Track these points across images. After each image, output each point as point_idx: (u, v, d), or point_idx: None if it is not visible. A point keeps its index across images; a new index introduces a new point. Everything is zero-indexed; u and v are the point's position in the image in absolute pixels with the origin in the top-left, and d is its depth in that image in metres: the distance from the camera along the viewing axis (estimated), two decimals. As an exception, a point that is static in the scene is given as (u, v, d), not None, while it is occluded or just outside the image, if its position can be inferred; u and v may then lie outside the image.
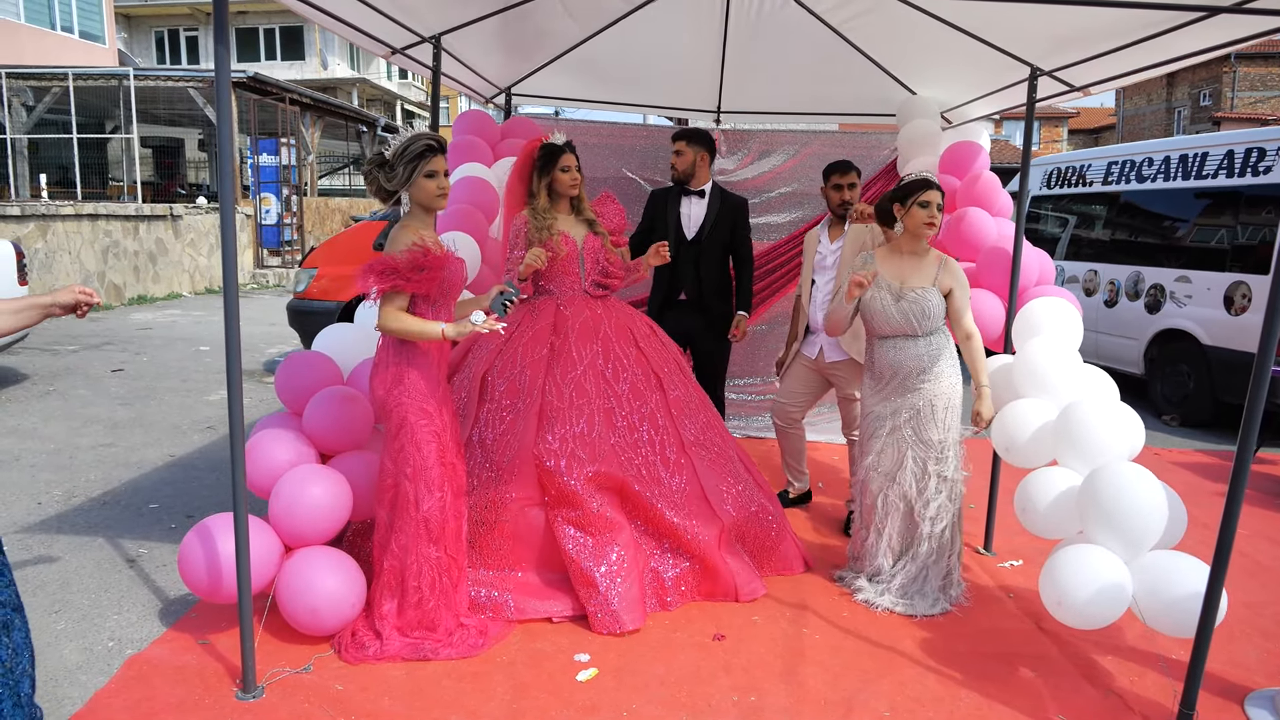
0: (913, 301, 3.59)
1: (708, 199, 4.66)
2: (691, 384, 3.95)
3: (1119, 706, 2.98)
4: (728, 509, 3.69)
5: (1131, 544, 3.00)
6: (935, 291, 3.62)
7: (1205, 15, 2.62)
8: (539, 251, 3.51)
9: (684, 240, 4.61)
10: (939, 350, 3.64)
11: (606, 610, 3.30)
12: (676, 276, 4.61)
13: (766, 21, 4.73)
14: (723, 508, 3.67)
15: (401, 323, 2.95)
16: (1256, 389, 2.44)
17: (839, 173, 4.42)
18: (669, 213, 4.63)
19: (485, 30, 4.36)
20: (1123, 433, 3.35)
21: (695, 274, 4.61)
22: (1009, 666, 3.22)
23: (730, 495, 3.73)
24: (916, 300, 3.59)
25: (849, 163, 4.46)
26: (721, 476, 3.76)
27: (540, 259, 3.50)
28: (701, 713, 2.84)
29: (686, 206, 4.66)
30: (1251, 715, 2.97)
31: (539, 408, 3.51)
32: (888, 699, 2.97)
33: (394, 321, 2.95)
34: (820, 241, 4.54)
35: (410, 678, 2.96)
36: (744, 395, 6.26)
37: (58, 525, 4.32)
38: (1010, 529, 4.31)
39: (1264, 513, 5.20)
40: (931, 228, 3.59)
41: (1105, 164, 8.82)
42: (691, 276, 4.61)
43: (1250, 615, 3.77)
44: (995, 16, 3.70)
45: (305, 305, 7.19)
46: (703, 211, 4.65)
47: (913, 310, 3.59)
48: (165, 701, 2.77)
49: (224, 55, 2.53)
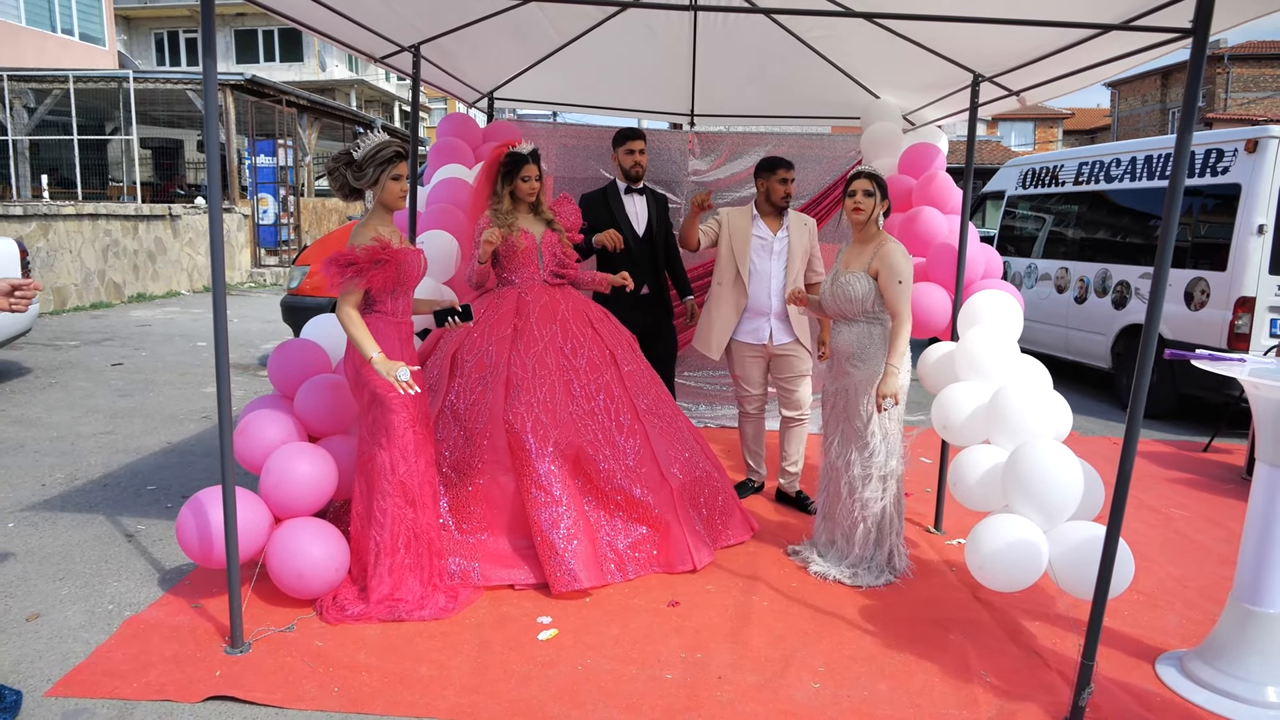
0: (840, 286, 3.84)
1: (645, 196, 4.92)
2: (644, 363, 4.25)
3: (1038, 664, 3.24)
4: (675, 472, 3.98)
5: (1048, 514, 3.26)
6: (863, 277, 3.79)
7: (1101, 32, 2.91)
8: (494, 231, 3.87)
9: (637, 237, 4.83)
10: (869, 336, 3.83)
11: (564, 569, 3.57)
12: (639, 273, 4.77)
13: (734, 30, 4.98)
14: (671, 470, 3.96)
15: (350, 322, 3.22)
16: (1140, 375, 2.70)
17: (785, 167, 4.66)
18: (615, 212, 4.82)
19: (465, 38, 4.61)
20: (1050, 416, 3.60)
21: (653, 268, 4.87)
22: (942, 630, 3.48)
23: (679, 460, 4.04)
24: (843, 285, 3.83)
25: (789, 160, 4.71)
26: (671, 443, 4.06)
27: (496, 237, 3.86)
28: (651, 667, 3.10)
29: (631, 205, 4.88)
30: (1160, 673, 3.23)
31: (505, 379, 3.82)
32: (824, 657, 3.23)
33: (345, 318, 3.23)
34: (756, 226, 4.69)
35: (385, 636, 3.23)
36: (715, 386, 6.52)
37: (61, 504, 4.59)
38: (959, 510, 4.56)
39: (1212, 497, 5.46)
40: (858, 213, 3.81)
41: (1076, 164, 9.08)
42: (650, 271, 4.86)
43: (1177, 587, 4.03)
44: (940, 31, 3.96)
45: (298, 301, 7.43)
46: (645, 208, 4.90)
47: (838, 294, 3.84)
48: (160, 655, 3.04)
49: (211, 65, 2.80)
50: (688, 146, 6.23)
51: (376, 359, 3.16)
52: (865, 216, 3.82)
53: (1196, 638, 3.46)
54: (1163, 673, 3.22)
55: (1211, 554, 4.48)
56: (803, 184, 6.04)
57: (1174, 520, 4.98)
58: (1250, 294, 6.70)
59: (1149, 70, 32.41)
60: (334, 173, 3.33)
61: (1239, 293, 6.74)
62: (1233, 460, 6.34)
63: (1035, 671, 3.19)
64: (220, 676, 2.91)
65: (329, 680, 2.92)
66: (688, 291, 5.14)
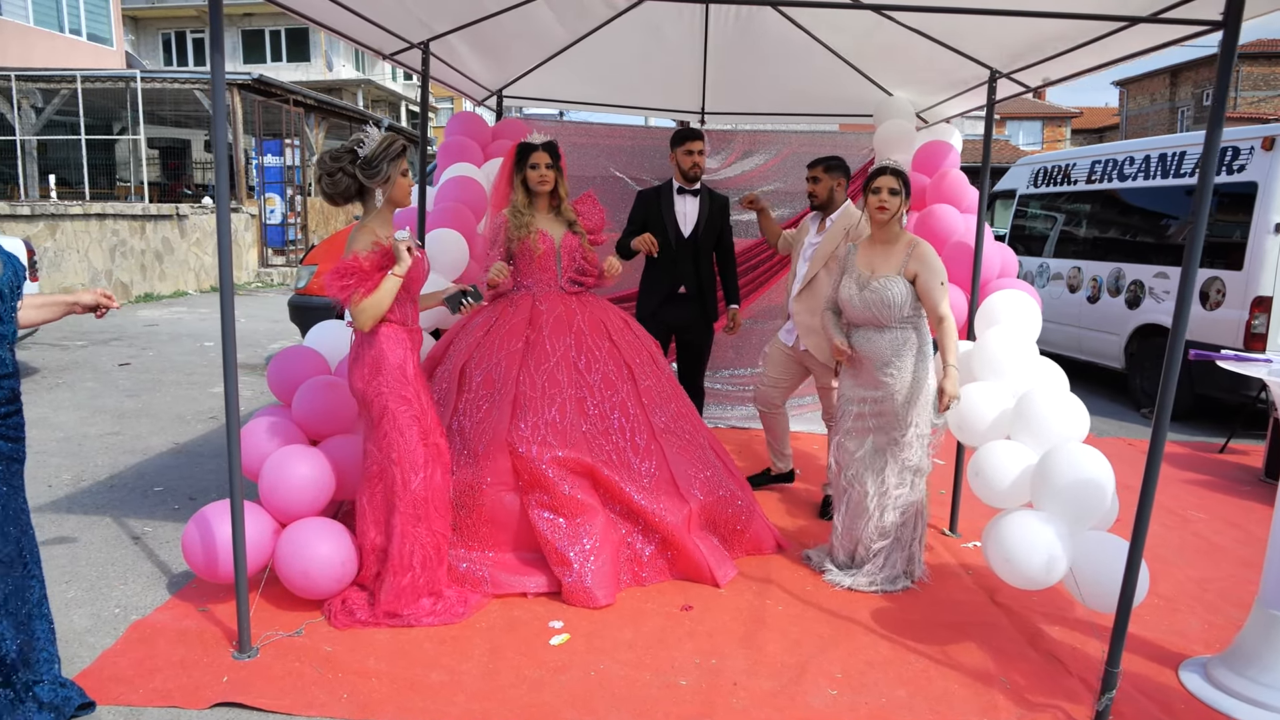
0: (874, 291, 3.67)
1: (700, 197, 4.88)
2: (664, 375, 4.10)
3: (1059, 670, 3.18)
4: (696, 493, 3.83)
5: (1077, 518, 3.19)
6: (899, 280, 3.65)
7: (1127, 25, 2.84)
8: (501, 266, 3.84)
9: (681, 237, 4.84)
10: (904, 343, 3.69)
11: (581, 587, 3.49)
12: (677, 271, 4.82)
13: (745, 26, 4.93)
14: (691, 492, 3.81)
15: (373, 300, 3.07)
16: (1168, 375, 2.63)
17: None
18: (663, 211, 4.83)
19: (474, 35, 4.57)
20: (1075, 419, 3.53)
21: (694, 269, 4.85)
22: (960, 634, 3.42)
23: (699, 480, 3.88)
24: (877, 290, 3.66)
25: (824, 159, 4.64)
26: (691, 462, 3.91)
27: (503, 273, 3.84)
28: (665, 673, 3.05)
29: (681, 205, 4.87)
30: (1184, 680, 3.16)
31: (513, 397, 3.68)
32: (841, 663, 3.17)
33: (369, 306, 3.08)
34: (809, 233, 4.72)
35: (394, 641, 3.18)
36: (729, 386, 6.47)
37: (68, 506, 4.55)
38: (975, 512, 4.50)
39: (1229, 499, 5.39)
40: (883, 212, 3.67)
41: (1089, 163, 9.00)
42: (691, 271, 4.84)
43: (1197, 590, 3.96)
44: (957, 25, 3.90)
45: (305, 301, 7.38)
46: (696, 209, 4.87)
47: (872, 300, 3.67)
48: (167, 659, 3.00)
49: (219, 62, 2.75)
50: (698, 145, 6.17)
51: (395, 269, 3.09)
52: (889, 215, 3.69)
53: (1219, 643, 3.40)
54: (1187, 679, 3.16)
55: (1230, 556, 4.41)
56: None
57: (1191, 522, 4.91)
58: (1267, 294, 6.62)
59: (1158, 69, 32.26)
60: (336, 173, 3.12)
61: (1255, 292, 6.65)
62: (1250, 462, 6.26)
63: (1056, 678, 3.12)
64: (228, 682, 2.87)
65: (338, 686, 2.87)
66: (734, 299, 5.10)
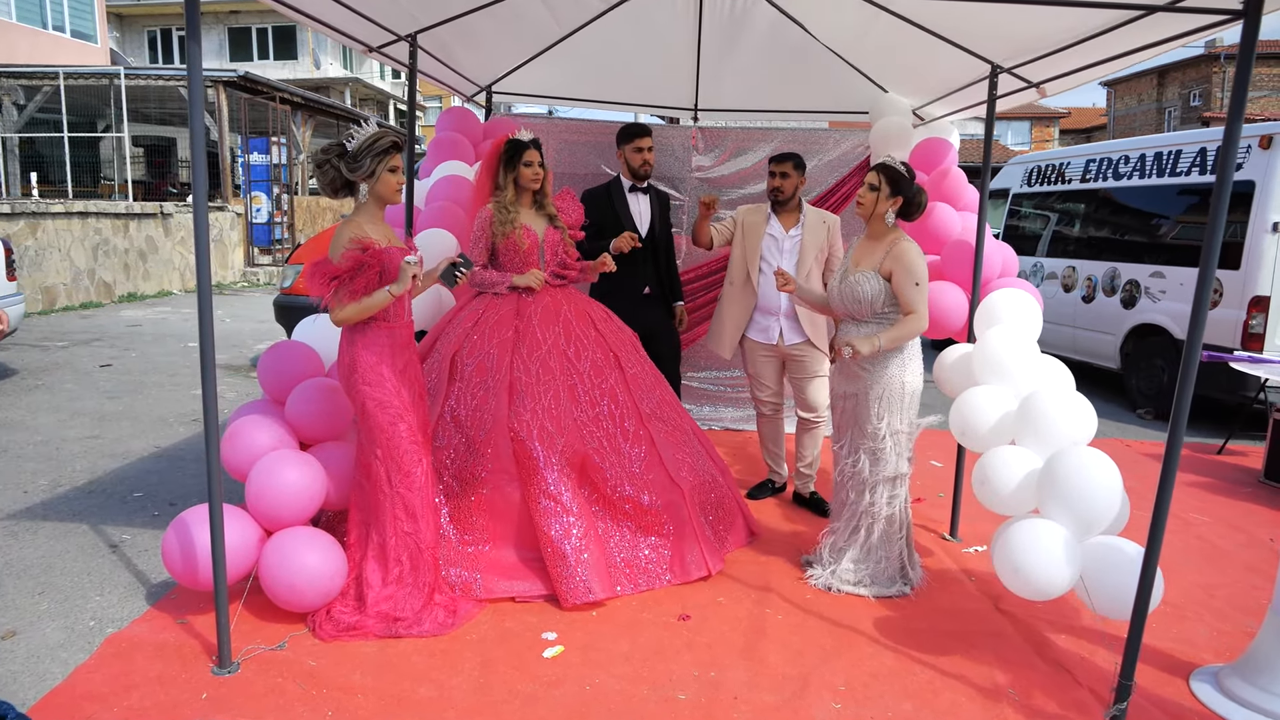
0: (849, 285, 3.64)
1: (649, 195, 4.77)
2: (647, 364, 4.11)
3: (1068, 681, 3.09)
4: (684, 475, 3.85)
5: (1087, 525, 3.10)
6: (874, 277, 3.58)
7: (1143, 14, 2.74)
8: (539, 274, 3.84)
9: (639, 237, 4.65)
10: None
11: (576, 579, 3.42)
12: (640, 273, 4.66)
13: (739, 20, 4.83)
14: (679, 474, 3.83)
15: (357, 309, 3.06)
16: (1185, 379, 2.54)
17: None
18: (619, 212, 4.67)
19: (463, 27, 4.45)
20: (1081, 420, 3.44)
21: (654, 269, 4.74)
22: (965, 644, 3.32)
23: (686, 464, 3.91)
24: (851, 285, 3.63)
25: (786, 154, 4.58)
26: (678, 447, 3.94)
27: (539, 280, 3.83)
28: (663, 687, 2.94)
29: (635, 204, 4.73)
30: (1195, 690, 3.08)
31: (509, 383, 3.67)
32: (844, 674, 3.07)
33: (352, 314, 3.07)
34: (770, 224, 4.57)
35: (381, 654, 3.06)
36: (717, 386, 6.37)
37: (43, 512, 4.41)
38: (975, 516, 4.42)
39: (1230, 501, 5.32)
40: (860, 207, 3.66)
41: (1083, 162, 8.94)
42: (652, 272, 4.73)
43: (1204, 597, 3.88)
44: (957, 17, 3.80)
45: (291, 300, 7.25)
46: (649, 207, 4.76)
47: (846, 294, 3.65)
48: (144, 675, 2.87)
49: (196, 53, 2.63)
50: (691, 142, 6.07)
51: (392, 288, 3.05)
52: (865, 212, 3.66)
53: (1230, 650, 3.32)
54: (1198, 689, 3.07)
55: (1235, 560, 4.34)
56: (809, 179, 5.87)
57: (1194, 525, 4.84)
58: (1265, 293, 6.57)
59: (1145, 69, 32.33)
60: (324, 165, 3.12)
61: (1253, 292, 6.60)
62: (1249, 463, 6.20)
63: (1065, 688, 3.03)
64: (207, 699, 2.75)
65: (322, 703, 2.75)
66: (678, 296, 4.99)
